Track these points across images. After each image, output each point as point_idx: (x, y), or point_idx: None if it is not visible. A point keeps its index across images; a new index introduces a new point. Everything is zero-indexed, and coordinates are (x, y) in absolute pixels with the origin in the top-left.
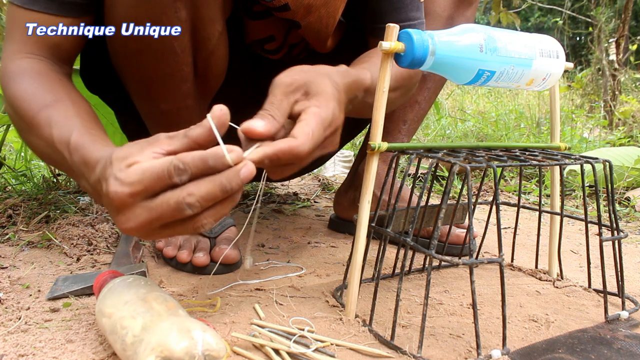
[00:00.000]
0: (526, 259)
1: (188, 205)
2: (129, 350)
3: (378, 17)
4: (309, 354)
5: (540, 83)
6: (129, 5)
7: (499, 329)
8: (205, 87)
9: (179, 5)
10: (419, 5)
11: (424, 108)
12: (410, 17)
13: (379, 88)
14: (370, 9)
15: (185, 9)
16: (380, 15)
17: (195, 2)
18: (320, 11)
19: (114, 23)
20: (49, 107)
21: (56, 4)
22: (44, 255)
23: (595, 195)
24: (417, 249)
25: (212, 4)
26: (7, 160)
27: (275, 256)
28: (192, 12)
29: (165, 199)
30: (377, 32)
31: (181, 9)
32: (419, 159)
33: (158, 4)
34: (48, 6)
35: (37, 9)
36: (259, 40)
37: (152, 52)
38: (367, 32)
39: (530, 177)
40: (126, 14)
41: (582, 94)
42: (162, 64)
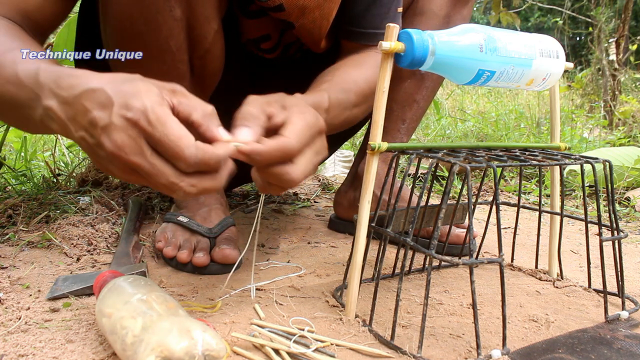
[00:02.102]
0: (526, 259)
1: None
2: (129, 350)
3: (354, 20)
4: (309, 354)
5: (540, 83)
6: (124, 4)
7: (499, 329)
8: (201, 86)
9: (173, 3)
10: (395, 15)
11: (422, 107)
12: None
13: (378, 88)
14: (348, 11)
15: (180, 7)
16: (357, 18)
17: (190, 1)
18: (314, 13)
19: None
20: (14, 50)
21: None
22: (44, 255)
23: (595, 195)
24: (417, 249)
25: (207, 2)
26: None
27: (275, 256)
28: (187, 10)
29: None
30: (349, 35)
31: (176, 8)
32: (419, 159)
33: (152, 3)
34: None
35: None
36: (255, 39)
37: (148, 50)
38: (341, 34)
39: (530, 177)
40: (122, 14)
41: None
42: (158, 63)
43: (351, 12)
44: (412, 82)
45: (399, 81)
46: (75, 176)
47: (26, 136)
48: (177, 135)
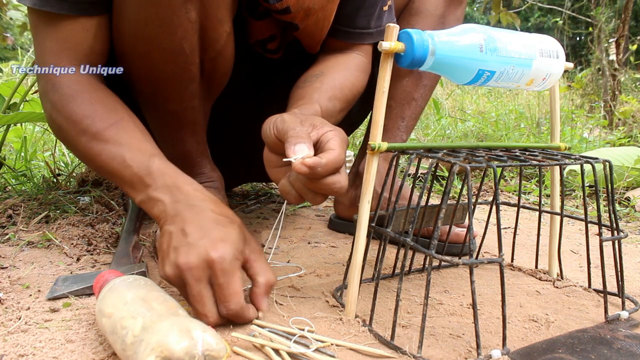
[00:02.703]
0: (526, 259)
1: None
2: (129, 350)
3: (341, 19)
4: (309, 354)
5: (540, 83)
6: (139, 6)
7: (499, 329)
8: (210, 88)
9: (189, 6)
10: (380, 14)
11: (420, 105)
12: (372, 25)
13: (378, 88)
14: (338, 11)
15: (195, 9)
16: (345, 17)
17: (204, 3)
18: (318, 14)
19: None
20: (114, 127)
21: (67, 4)
22: (44, 255)
23: (595, 195)
24: (417, 249)
25: (222, 4)
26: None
27: (275, 256)
28: (201, 12)
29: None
30: (336, 33)
31: (191, 10)
32: (419, 158)
33: (169, 5)
34: (60, 7)
35: (49, 9)
36: (262, 40)
37: (161, 53)
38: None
39: (530, 177)
40: (137, 16)
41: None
42: (170, 65)
43: (340, 12)
44: (410, 80)
45: (397, 79)
46: (75, 176)
47: (26, 136)
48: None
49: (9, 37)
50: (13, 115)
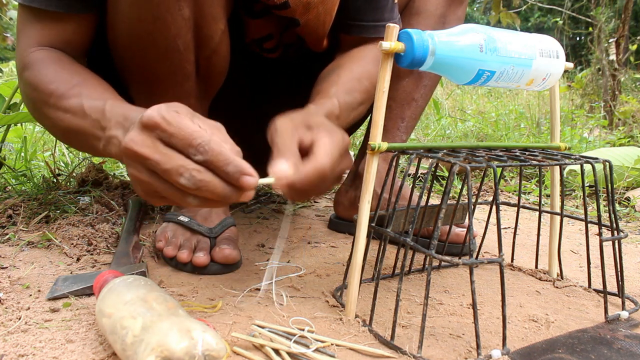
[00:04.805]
0: (526, 259)
1: (186, 177)
2: (129, 350)
3: (353, 13)
4: (309, 354)
5: (540, 83)
6: (133, 3)
7: (499, 329)
8: (206, 87)
9: (183, 4)
10: (392, 7)
11: (420, 105)
12: (385, 17)
13: (378, 88)
14: (347, 5)
15: (189, 6)
16: (356, 11)
17: (198, 1)
18: (318, 8)
19: (118, 22)
20: (77, 86)
21: (55, 1)
22: (44, 255)
23: (595, 195)
24: (417, 249)
25: (216, 2)
26: (7, 160)
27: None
28: (195, 9)
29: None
30: (349, 29)
31: (185, 7)
32: (419, 159)
33: (162, 2)
34: (48, 3)
35: (37, 6)
36: (259, 39)
37: (155, 50)
38: (339, 27)
39: (530, 177)
40: (131, 13)
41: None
42: (165, 62)
43: (351, 6)
44: (411, 80)
45: (398, 80)
46: (75, 176)
47: (26, 136)
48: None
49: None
50: (13, 115)
